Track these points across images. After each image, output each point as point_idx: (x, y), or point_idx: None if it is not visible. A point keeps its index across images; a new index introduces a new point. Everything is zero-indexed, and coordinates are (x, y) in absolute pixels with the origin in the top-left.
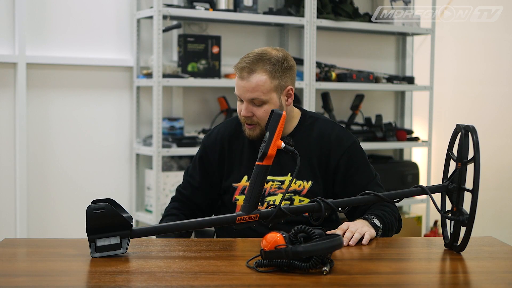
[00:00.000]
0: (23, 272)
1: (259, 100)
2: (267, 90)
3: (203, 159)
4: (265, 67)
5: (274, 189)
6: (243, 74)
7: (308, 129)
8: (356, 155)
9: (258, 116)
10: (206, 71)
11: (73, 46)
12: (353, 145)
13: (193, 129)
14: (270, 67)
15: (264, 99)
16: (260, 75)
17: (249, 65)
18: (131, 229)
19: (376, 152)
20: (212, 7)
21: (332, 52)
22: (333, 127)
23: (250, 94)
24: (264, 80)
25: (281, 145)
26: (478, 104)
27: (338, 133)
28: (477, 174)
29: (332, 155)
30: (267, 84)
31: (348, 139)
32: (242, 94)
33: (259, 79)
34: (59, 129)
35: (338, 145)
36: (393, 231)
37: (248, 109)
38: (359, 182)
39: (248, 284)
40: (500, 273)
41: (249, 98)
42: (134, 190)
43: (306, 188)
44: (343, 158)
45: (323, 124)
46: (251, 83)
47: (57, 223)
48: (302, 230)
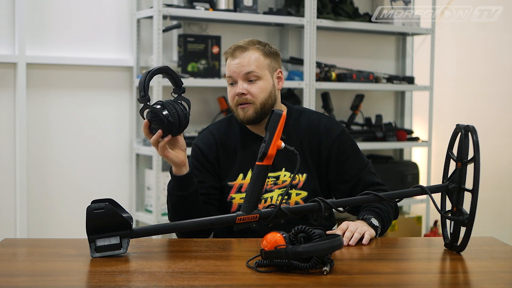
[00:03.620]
0: (23, 272)
1: (254, 74)
2: (261, 65)
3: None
4: (257, 46)
5: (270, 186)
6: (236, 54)
7: (295, 122)
8: (346, 143)
9: (253, 93)
10: (206, 71)
11: (73, 46)
12: (342, 134)
13: (193, 129)
14: (261, 47)
15: (259, 74)
16: (253, 51)
17: (242, 45)
18: (131, 229)
19: (376, 152)
20: (212, 7)
21: (332, 52)
22: (320, 118)
23: (245, 68)
24: (258, 56)
25: (281, 145)
26: (478, 104)
27: (326, 123)
28: (477, 174)
29: (322, 145)
30: (261, 59)
31: (336, 128)
32: (236, 71)
33: (253, 55)
34: (59, 129)
35: (327, 135)
36: (391, 220)
37: (242, 86)
38: (351, 169)
39: (248, 284)
40: (500, 273)
41: (245, 72)
42: (134, 190)
43: (301, 181)
44: (333, 147)
45: (310, 116)
46: (245, 58)
47: (57, 223)
48: (302, 230)
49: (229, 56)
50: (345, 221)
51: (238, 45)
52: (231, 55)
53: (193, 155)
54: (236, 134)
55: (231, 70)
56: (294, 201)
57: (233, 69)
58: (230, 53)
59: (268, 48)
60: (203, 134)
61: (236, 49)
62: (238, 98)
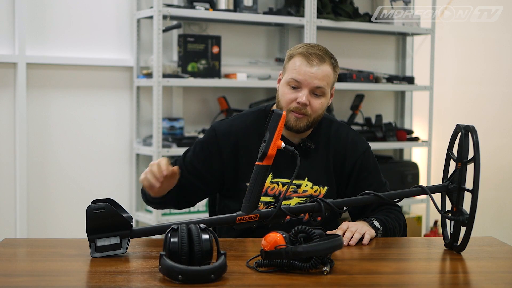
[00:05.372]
0: (23, 272)
1: (322, 90)
2: (329, 82)
3: (212, 148)
4: (331, 61)
5: (289, 193)
6: (312, 61)
7: (326, 131)
8: (369, 161)
9: (314, 107)
10: (206, 71)
11: (73, 46)
12: (367, 151)
13: (193, 129)
14: (334, 62)
15: (326, 91)
16: (328, 66)
17: (320, 53)
18: (131, 229)
19: (376, 152)
20: (212, 7)
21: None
22: (348, 131)
23: (318, 82)
24: (331, 72)
25: (281, 145)
26: (478, 104)
27: (353, 138)
28: (477, 174)
29: (347, 159)
30: (332, 77)
31: (362, 144)
32: (308, 80)
33: (328, 70)
34: (59, 129)
35: (353, 149)
36: (395, 234)
37: (307, 98)
38: (369, 187)
39: (248, 284)
40: (500, 273)
41: (315, 86)
42: (134, 190)
43: (322, 194)
44: (357, 163)
45: (339, 127)
46: (321, 71)
47: (57, 223)
48: (302, 230)
49: (301, 57)
50: (345, 221)
51: (314, 51)
52: (306, 59)
53: (204, 138)
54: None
55: (302, 75)
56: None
57: (305, 76)
58: (305, 56)
59: (337, 64)
60: (225, 121)
61: (313, 55)
62: (297, 106)
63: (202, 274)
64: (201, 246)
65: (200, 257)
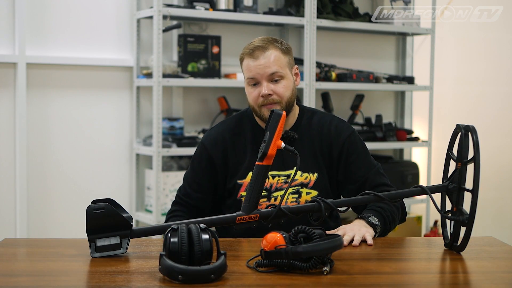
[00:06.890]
0: (23, 272)
1: (278, 74)
2: (283, 64)
3: (205, 160)
4: (275, 44)
5: (280, 184)
6: (256, 54)
7: (308, 122)
8: (356, 144)
9: (279, 92)
10: (206, 71)
11: (73, 46)
12: (352, 135)
13: (193, 129)
14: (279, 45)
15: (282, 73)
16: (273, 50)
17: (261, 44)
18: (131, 229)
19: (376, 152)
20: (212, 7)
21: (332, 52)
22: (331, 119)
23: (269, 68)
24: (279, 55)
25: (281, 145)
26: (478, 104)
27: (337, 124)
28: (477, 174)
29: (333, 145)
30: (282, 58)
31: (347, 129)
32: (260, 72)
33: (275, 54)
34: (59, 129)
35: (338, 135)
36: (396, 221)
37: (268, 87)
38: (359, 170)
39: (248, 284)
40: (500, 273)
41: (269, 73)
42: (134, 190)
43: (312, 180)
44: (343, 148)
45: (322, 116)
46: (268, 58)
47: (57, 223)
48: (302, 230)
49: (247, 57)
50: (341, 226)
51: (256, 45)
52: (251, 56)
53: (197, 154)
54: (246, 132)
55: (253, 71)
56: (304, 200)
57: (256, 70)
58: (248, 53)
59: (285, 45)
60: (210, 132)
61: (255, 49)
62: (264, 99)
63: (202, 274)
64: (201, 246)
65: (200, 257)
